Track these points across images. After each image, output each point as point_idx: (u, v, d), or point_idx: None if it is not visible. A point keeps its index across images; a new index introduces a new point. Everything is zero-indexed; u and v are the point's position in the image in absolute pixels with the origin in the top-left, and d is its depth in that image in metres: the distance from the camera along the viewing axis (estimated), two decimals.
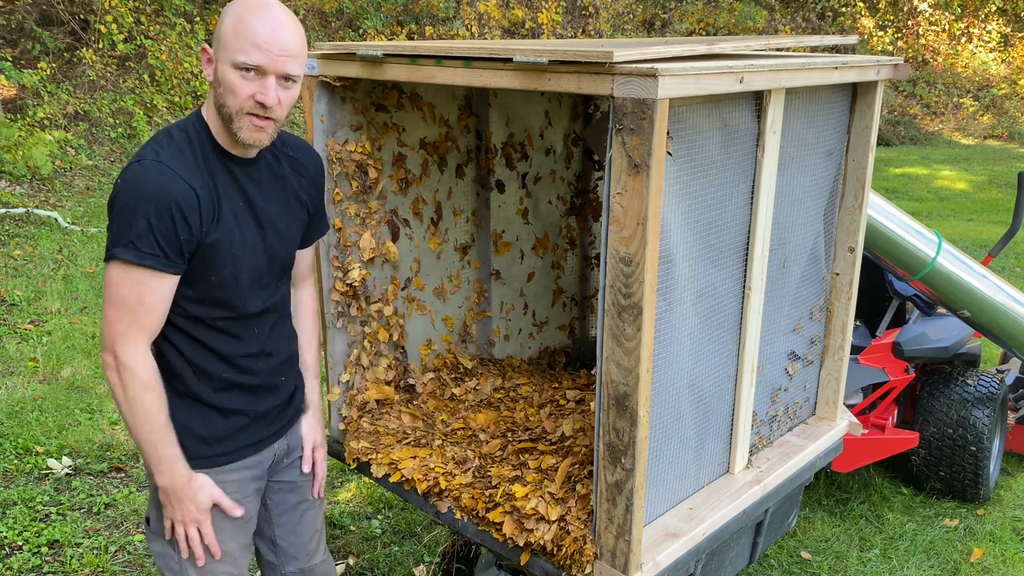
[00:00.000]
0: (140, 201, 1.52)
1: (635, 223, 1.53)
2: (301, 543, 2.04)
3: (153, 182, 1.53)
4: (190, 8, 10.52)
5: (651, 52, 1.54)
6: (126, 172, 1.56)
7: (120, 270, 1.54)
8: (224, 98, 1.59)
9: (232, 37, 1.54)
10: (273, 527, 2.00)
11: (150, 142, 1.61)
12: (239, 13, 1.55)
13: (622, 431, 1.68)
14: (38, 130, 7.95)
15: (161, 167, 1.55)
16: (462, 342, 2.77)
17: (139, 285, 1.55)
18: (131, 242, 1.52)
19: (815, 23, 15.56)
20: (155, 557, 1.84)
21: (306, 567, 2.07)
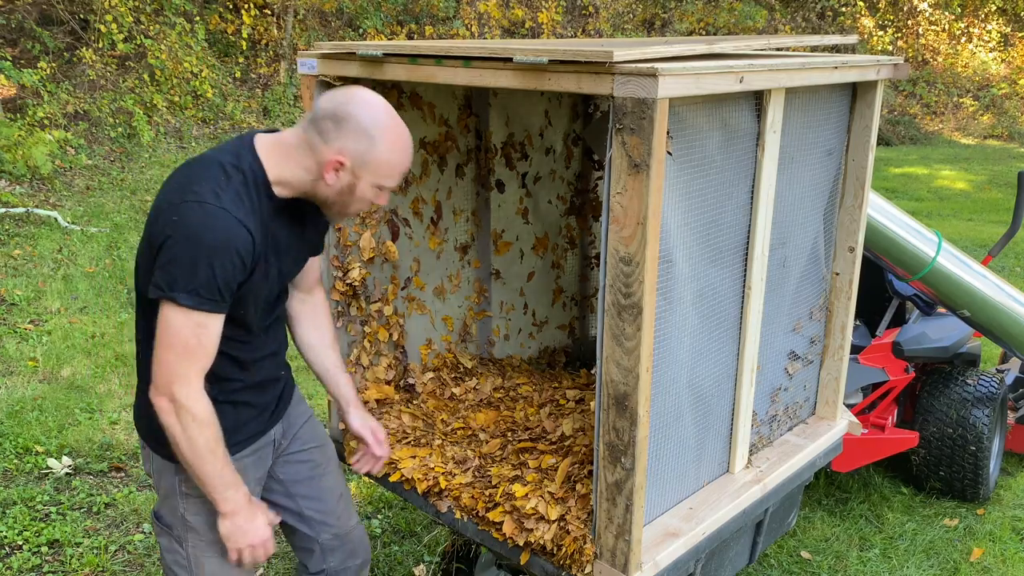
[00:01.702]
0: (205, 249, 1.54)
1: (635, 223, 1.53)
2: (328, 508, 2.08)
3: (219, 229, 1.55)
4: (190, 7, 10.52)
5: (651, 52, 1.54)
6: (189, 214, 1.56)
7: (181, 314, 1.56)
8: (350, 205, 1.71)
9: (384, 165, 1.65)
10: (295, 499, 2.04)
11: (206, 178, 1.61)
12: (392, 143, 1.65)
13: (622, 431, 1.68)
14: (38, 130, 7.95)
15: (225, 215, 1.56)
16: (462, 342, 2.77)
17: (199, 328, 1.58)
18: (195, 289, 1.55)
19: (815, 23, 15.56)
20: (162, 551, 1.88)
21: (341, 532, 2.10)
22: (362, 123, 1.61)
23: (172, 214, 1.57)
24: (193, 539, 1.85)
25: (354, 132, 1.61)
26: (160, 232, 1.58)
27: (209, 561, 1.86)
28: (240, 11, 11.52)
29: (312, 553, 2.12)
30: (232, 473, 1.72)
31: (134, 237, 6.80)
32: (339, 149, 1.62)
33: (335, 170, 1.64)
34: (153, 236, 1.60)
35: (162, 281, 1.56)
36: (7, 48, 9.00)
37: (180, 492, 1.82)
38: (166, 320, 1.58)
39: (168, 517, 1.86)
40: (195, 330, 1.58)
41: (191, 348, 1.58)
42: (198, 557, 1.85)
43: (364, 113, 1.62)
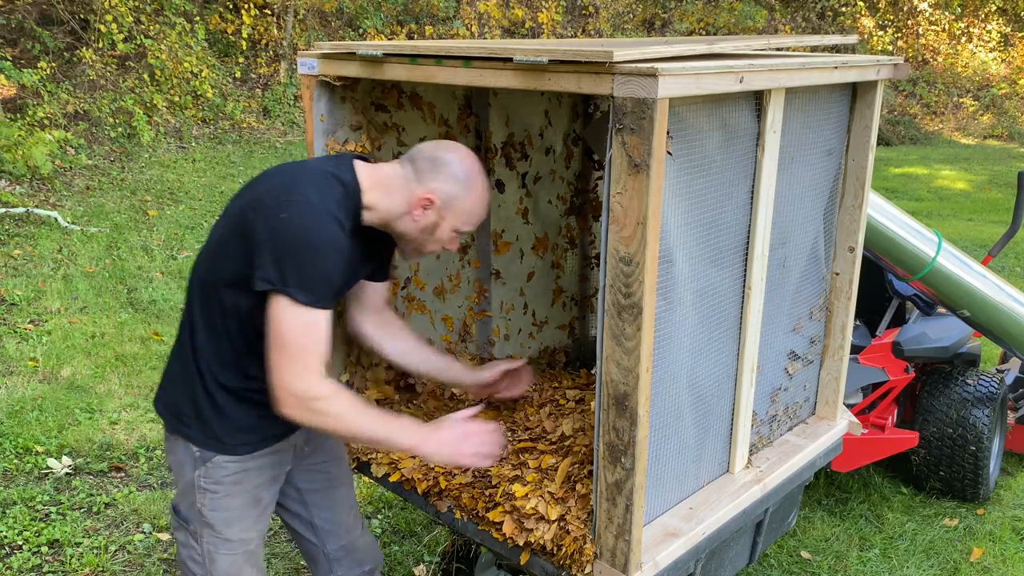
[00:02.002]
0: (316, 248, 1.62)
1: (635, 223, 1.53)
2: (338, 520, 2.13)
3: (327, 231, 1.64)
4: (190, 7, 10.52)
5: (651, 52, 1.54)
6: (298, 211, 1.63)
7: (293, 311, 1.61)
8: (427, 244, 1.84)
9: (467, 212, 1.82)
10: (308, 508, 2.09)
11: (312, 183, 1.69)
12: (479, 195, 1.82)
13: (622, 431, 1.68)
14: (38, 130, 7.96)
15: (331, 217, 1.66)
16: (462, 342, 2.77)
17: (310, 327, 1.64)
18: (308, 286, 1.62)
19: (815, 23, 15.56)
20: (179, 546, 1.92)
21: (347, 543, 2.16)
22: (456, 171, 1.78)
23: (279, 211, 1.63)
24: (209, 535, 1.88)
25: (449, 177, 1.77)
26: (263, 227, 1.62)
27: (222, 558, 1.89)
28: (240, 11, 11.53)
29: (318, 562, 2.17)
30: (388, 419, 1.78)
31: (134, 237, 6.80)
32: (431, 188, 1.76)
33: (423, 207, 1.77)
34: (251, 230, 1.64)
35: (274, 275, 1.60)
36: (7, 48, 9.00)
37: (199, 486, 1.85)
38: (278, 319, 1.62)
39: (186, 511, 1.89)
40: (308, 327, 1.63)
41: (305, 346, 1.63)
42: (212, 554, 1.88)
43: (460, 163, 1.78)
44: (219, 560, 1.89)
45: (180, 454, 1.87)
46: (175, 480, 1.92)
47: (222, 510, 1.86)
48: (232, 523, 1.88)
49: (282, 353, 1.62)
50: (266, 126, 10.91)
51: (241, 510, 1.88)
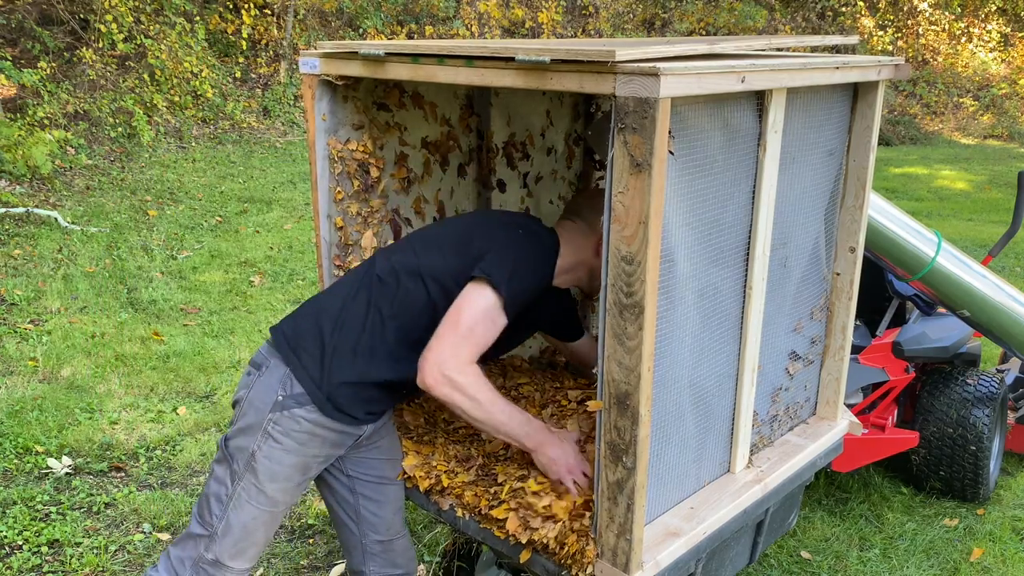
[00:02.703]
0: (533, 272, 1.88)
1: (637, 222, 1.54)
2: (382, 514, 2.16)
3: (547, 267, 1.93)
4: (190, 7, 10.52)
5: (653, 51, 1.54)
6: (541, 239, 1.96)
7: (490, 297, 1.79)
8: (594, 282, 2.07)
9: None
10: (356, 496, 2.13)
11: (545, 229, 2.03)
12: None
13: (623, 430, 1.68)
14: (38, 129, 7.95)
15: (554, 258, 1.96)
16: None
17: (488, 319, 1.79)
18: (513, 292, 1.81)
19: (815, 23, 15.57)
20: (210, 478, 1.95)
21: (385, 540, 2.18)
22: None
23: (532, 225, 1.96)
24: (248, 479, 1.90)
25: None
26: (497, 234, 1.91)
27: (248, 507, 1.91)
28: (240, 11, 11.53)
29: (354, 553, 2.20)
30: (519, 414, 1.90)
31: (134, 237, 6.80)
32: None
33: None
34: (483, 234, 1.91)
35: (490, 266, 1.80)
36: (7, 48, 9.00)
37: (265, 430, 1.88)
38: (470, 297, 1.78)
39: (236, 448, 1.90)
40: (488, 317, 1.78)
41: (476, 331, 1.77)
42: (241, 497, 1.90)
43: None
44: (245, 509, 1.91)
45: (263, 389, 1.89)
46: (239, 416, 1.93)
47: (275, 462, 1.89)
48: (277, 479, 1.91)
49: (453, 329, 1.77)
50: (266, 126, 10.91)
51: (290, 469, 1.92)
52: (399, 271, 1.92)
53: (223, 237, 7.08)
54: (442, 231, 2.02)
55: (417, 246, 1.97)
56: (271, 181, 8.98)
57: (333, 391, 1.89)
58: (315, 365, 1.89)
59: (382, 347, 1.90)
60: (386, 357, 1.90)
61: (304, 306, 2.03)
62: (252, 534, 1.94)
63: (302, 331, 1.94)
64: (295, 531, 3.21)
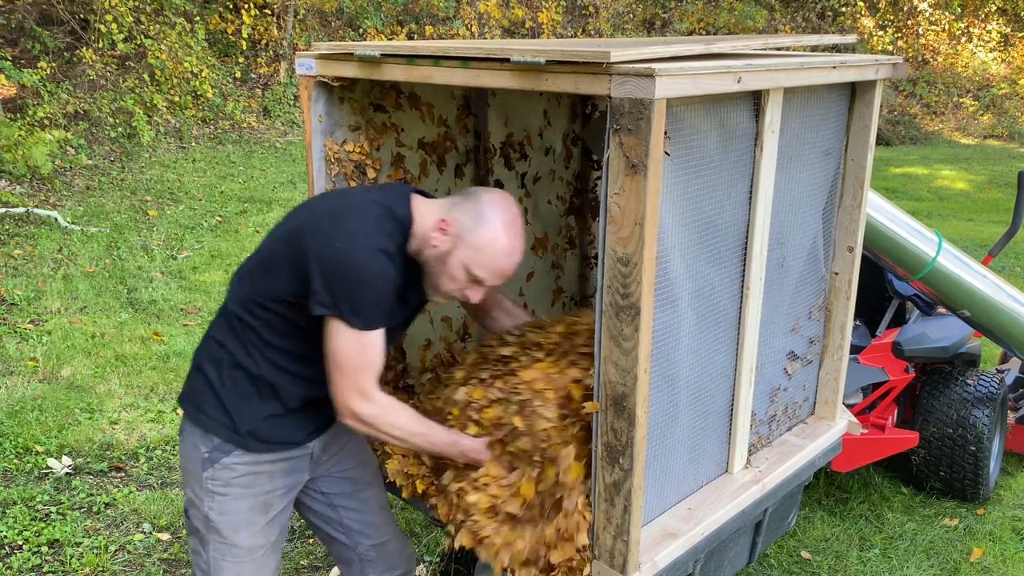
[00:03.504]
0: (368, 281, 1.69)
1: (632, 223, 1.53)
2: (368, 519, 2.14)
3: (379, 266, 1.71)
4: (190, 8, 10.52)
5: (648, 52, 1.54)
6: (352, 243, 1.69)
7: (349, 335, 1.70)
8: (441, 277, 1.82)
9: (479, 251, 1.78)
10: (337, 510, 2.11)
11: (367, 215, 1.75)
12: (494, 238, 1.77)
13: (620, 431, 1.68)
14: (38, 129, 7.96)
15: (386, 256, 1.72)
16: (461, 341, 2.77)
17: (368, 345, 1.73)
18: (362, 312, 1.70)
19: (815, 23, 15.56)
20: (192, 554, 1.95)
21: (378, 543, 2.17)
22: (480, 207, 1.78)
23: (334, 240, 1.70)
24: (215, 541, 1.87)
25: (470, 210, 1.78)
26: (318, 253, 1.69)
27: (226, 564, 1.88)
28: (240, 11, 11.53)
29: (351, 564, 2.18)
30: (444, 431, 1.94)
31: (134, 237, 6.80)
32: (452, 216, 1.78)
33: (441, 229, 1.77)
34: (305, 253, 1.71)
35: (328, 300, 1.68)
36: (7, 48, 9.01)
37: (207, 489, 1.85)
38: (334, 341, 1.71)
39: (194, 516, 1.90)
40: (362, 348, 1.72)
41: (360, 366, 1.73)
42: (218, 560, 1.88)
43: (488, 203, 1.78)
44: (224, 568, 1.88)
45: (190, 455, 1.87)
46: (184, 486, 1.93)
47: (229, 514, 1.85)
48: (239, 528, 1.87)
49: (340, 373, 1.73)
50: (266, 126, 10.91)
51: (248, 515, 1.87)
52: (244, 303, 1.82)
53: (223, 237, 7.08)
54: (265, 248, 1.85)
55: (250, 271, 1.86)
56: (271, 181, 8.98)
57: (251, 430, 1.84)
58: (219, 412, 1.84)
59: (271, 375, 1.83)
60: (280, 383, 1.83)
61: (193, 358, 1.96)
62: None
63: (195, 385, 1.90)
64: (295, 531, 3.21)
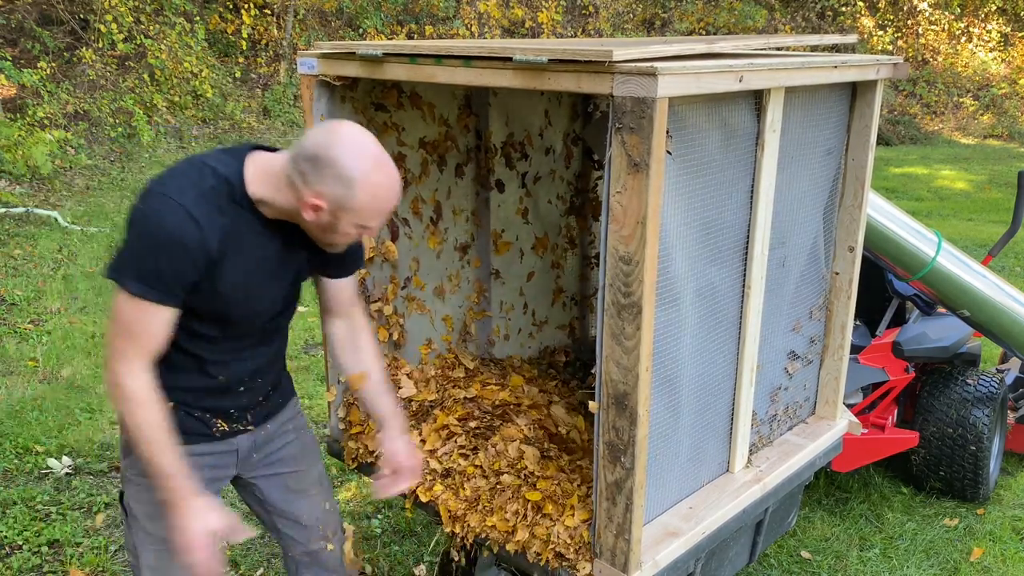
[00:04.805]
0: (156, 241, 1.56)
1: (634, 222, 1.53)
2: (300, 527, 2.07)
3: (172, 224, 1.56)
4: (190, 8, 10.52)
5: (650, 51, 1.54)
6: (151, 204, 1.58)
7: (126, 297, 1.59)
8: (332, 239, 1.68)
9: (364, 209, 1.60)
10: (271, 514, 2.06)
11: (181, 174, 1.63)
12: (373, 190, 1.59)
13: (622, 430, 1.68)
14: (38, 129, 7.96)
15: (182, 211, 1.57)
16: (462, 341, 2.77)
17: (142, 315, 1.60)
18: (142, 277, 1.57)
19: (815, 22, 15.56)
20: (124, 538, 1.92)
21: (310, 551, 2.11)
22: (342, 170, 1.57)
23: (139, 202, 1.59)
24: (135, 526, 1.86)
25: (333, 178, 1.57)
26: (127, 217, 1.60)
27: (146, 552, 1.86)
28: (240, 11, 11.53)
29: (288, 563, 2.16)
30: (173, 462, 1.67)
31: None
32: (317, 192, 1.59)
33: (313, 210, 1.61)
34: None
35: (116, 263, 1.59)
36: (7, 48, 9.00)
37: (126, 478, 1.85)
38: (116, 302, 1.60)
39: (123, 501, 1.89)
40: (139, 316, 1.59)
41: (134, 332, 1.60)
42: (140, 545, 1.86)
43: (345, 158, 1.57)
44: (144, 553, 1.86)
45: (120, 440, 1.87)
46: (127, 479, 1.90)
47: (144, 503, 1.82)
48: (154, 517, 1.81)
49: (114, 334, 1.62)
50: (266, 126, 10.91)
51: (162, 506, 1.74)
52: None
53: None
54: None
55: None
56: None
57: None
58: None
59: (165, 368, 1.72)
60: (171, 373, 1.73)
61: None
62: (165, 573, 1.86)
63: None
64: None
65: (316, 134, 1.61)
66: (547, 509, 1.93)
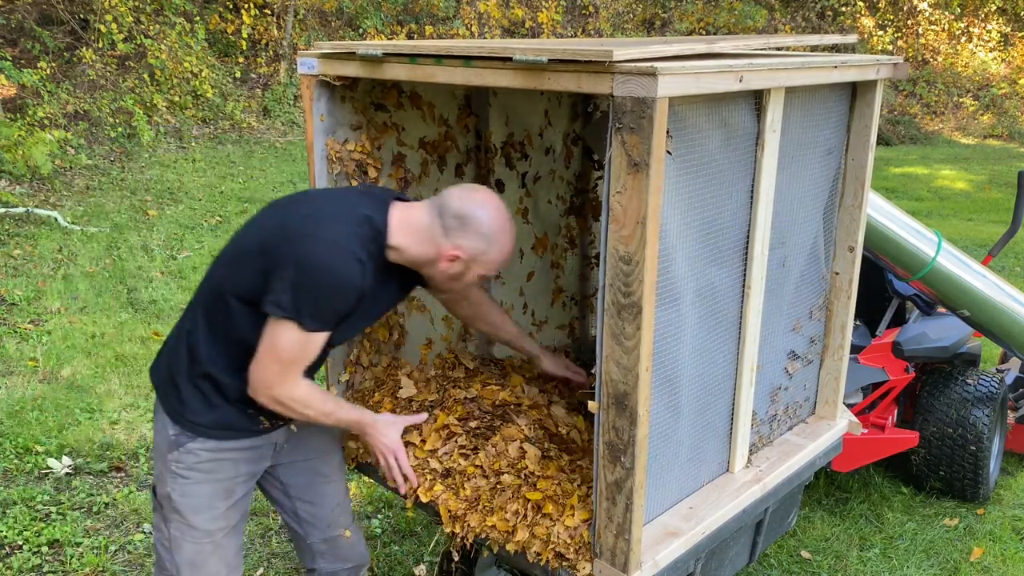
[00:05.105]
0: (333, 287, 1.74)
1: (634, 222, 1.53)
2: (321, 513, 2.19)
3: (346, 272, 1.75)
4: (190, 7, 10.52)
5: (650, 51, 1.54)
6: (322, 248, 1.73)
7: (298, 334, 1.75)
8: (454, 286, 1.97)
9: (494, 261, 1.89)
10: (292, 500, 2.16)
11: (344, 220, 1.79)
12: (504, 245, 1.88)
13: (622, 430, 1.68)
14: (38, 129, 7.95)
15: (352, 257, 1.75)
16: (462, 341, 2.77)
17: (309, 344, 1.78)
18: (317, 316, 1.75)
19: (815, 22, 15.56)
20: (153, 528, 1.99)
21: (330, 537, 2.22)
22: (482, 227, 1.83)
23: (306, 244, 1.73)
24: (176, 521, 1.93)
25: (476, 234, 1.83)
26: (289, 256, 1.72)
27: (187, 545, 1.94)
28: (240, 11, 11.53)
29: (303, 552, 2.26)
30: (352, 410, 2.00)
31: (134, 237, 6.80)
32: (458, 245, 1.83)
33: (451, 260, 1.85)
34: (277, 255, 1.74)
35: (288, 303, 1.71)
36: (7, 48, 9.00)
37: (171, 471, 1.91)
38: (280, 335, 1.74)
39: (161, 495, 1.95)
40: (305, 346, 1.77)
41: (299, 360, 1.79)
42: (178, 540, 1.93)
43: (488, 218, 1.83)
44: (184, 547, 1.94)
45: (160, 433, 1.93)
46: (154, 460, 1.97)
47: (190, 497, 1.91)
48: (199, 511, 1.92)
49: (274, 360, 1.76)
50: (266, 126, 10.91)
51: (209, 499, 1.93)
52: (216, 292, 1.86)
53: (223, 237, 7.08)
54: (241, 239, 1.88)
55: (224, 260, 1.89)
56: (271, 181, 8.98)
57: (212, 419, 1.89)
58: (178, 399, 1.89)
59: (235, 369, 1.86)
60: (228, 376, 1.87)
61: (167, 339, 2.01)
62: (203, 567, 1.96)
63: (161, 367, 1.96)
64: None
65: (461, 195, 1.86)
66: (547, 509, 1.93)
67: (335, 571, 2.26)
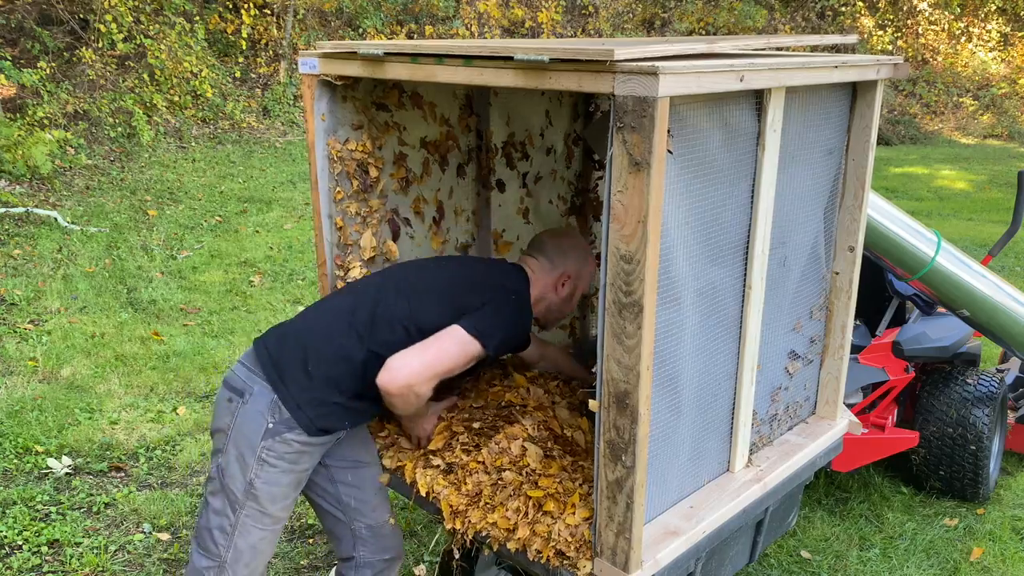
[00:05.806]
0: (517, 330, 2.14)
1: (636, 221, 1.54)
2: (366, 498, 2.24)
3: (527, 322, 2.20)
4: (190, 7, 10.52)
5: (652, 51, 1.54)
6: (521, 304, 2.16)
7: (478, 350, 1.98)
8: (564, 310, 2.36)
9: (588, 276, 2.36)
10: (336, 484, 2.22)
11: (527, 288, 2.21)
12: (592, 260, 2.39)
13: (623, 429, 1.68)
14: (38, 129, 7.95)
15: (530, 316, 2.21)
16: None
17: (468, 360, 1.99)
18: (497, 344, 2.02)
19: (815, 22, 15.57)
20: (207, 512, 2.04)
21: (374, 524, 2.27)
22: (578, 250, 2.32)
23: (510, 295, 2.12)
24: (251, 506, 1.98)
25: (574, 257, 2.30)
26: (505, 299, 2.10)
27: (256, 531, 2.01)
28: (240, 11, 11.53)
29: (343, 540, 2.28)
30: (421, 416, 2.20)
31: (134, 237, 6.80)
32: (567, 269, 2.28)
33: (563, 283, 2.29)
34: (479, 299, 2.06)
35: (488, 330, 1.99)
36: (7, 48, 9.00)
37: (259, 458, 1.96)
38: (458, 342, 1.96)
39: (231, 478, 1.98)
40: (465, 360, 1.98)
41: (449, 367, 1.96)
42: (247, 525, 1.99)
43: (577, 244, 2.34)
44: (252, 533, 2.00)
45: (250, 420, 1.95)
46: (226, 445, 1.99)
47: (273, 485, 1.99)
48: (276, 499, 2.01)
49: (433, 357, 1.93)
50: (266, 126, 10.91)
51: (287, 488, 2.03)
52: (393, 320, 2.01)
53: (223, 237, 7.08)
54: (437, 278, 2.15)
55: (411, 295, 2.07)
56: (271, 181, 8.99)
57: (319, 415, 1.99)
58: (301, 392, 1.98)
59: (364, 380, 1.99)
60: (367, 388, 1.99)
61: (290, 325, 2.09)
62: (262, 553, 2.06)
63: (288, 355, 2.01)
64: (295, 531, 3.21)
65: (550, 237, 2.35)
66: (548, 507, 1.93)
67: (372, 562, 2.29)
